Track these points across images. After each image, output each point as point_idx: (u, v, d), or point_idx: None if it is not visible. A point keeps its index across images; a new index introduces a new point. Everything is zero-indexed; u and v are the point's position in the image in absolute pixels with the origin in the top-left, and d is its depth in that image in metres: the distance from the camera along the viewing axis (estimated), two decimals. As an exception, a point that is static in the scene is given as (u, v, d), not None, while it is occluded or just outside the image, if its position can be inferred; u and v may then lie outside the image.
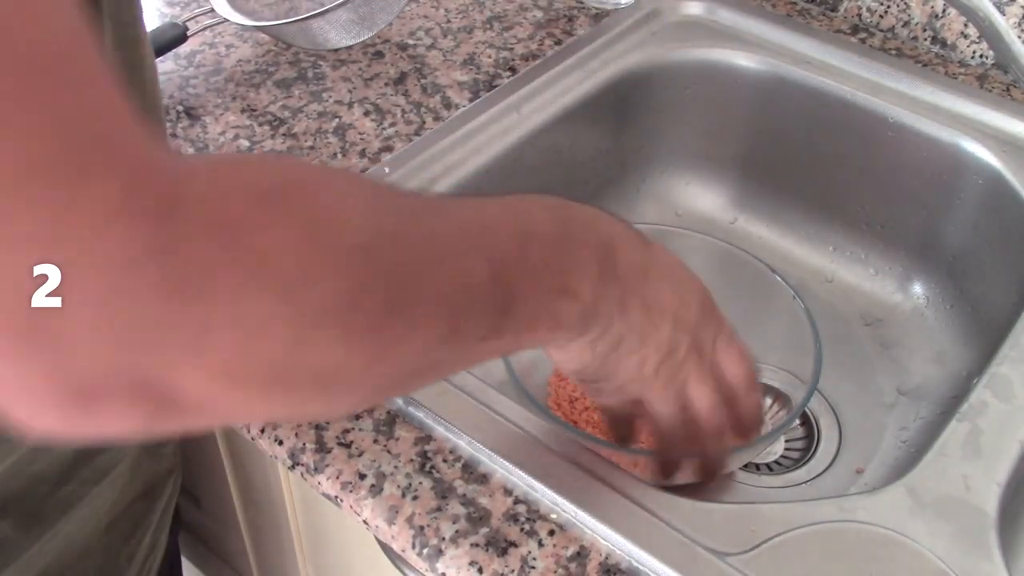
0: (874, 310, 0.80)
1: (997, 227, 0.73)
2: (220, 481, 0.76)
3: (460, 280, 0.35)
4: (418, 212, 0.35)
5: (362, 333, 0.31)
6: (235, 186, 0.29)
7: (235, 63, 0.82)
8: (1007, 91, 0.79)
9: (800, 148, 0.83)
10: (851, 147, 0.80)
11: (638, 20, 0.86)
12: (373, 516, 0.50)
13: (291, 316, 0.29)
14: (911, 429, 0.71)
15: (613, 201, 0.84)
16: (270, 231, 0.28)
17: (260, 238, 0.28)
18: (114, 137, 0.26)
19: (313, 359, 0.30)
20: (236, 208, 0.28)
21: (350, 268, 0.30)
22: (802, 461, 0.70)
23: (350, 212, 0.32)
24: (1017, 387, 0.56)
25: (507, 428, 0.52)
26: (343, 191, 0.32)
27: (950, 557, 0.47)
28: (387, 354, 0.33)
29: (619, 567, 0.48)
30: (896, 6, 0.85)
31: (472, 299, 0.36)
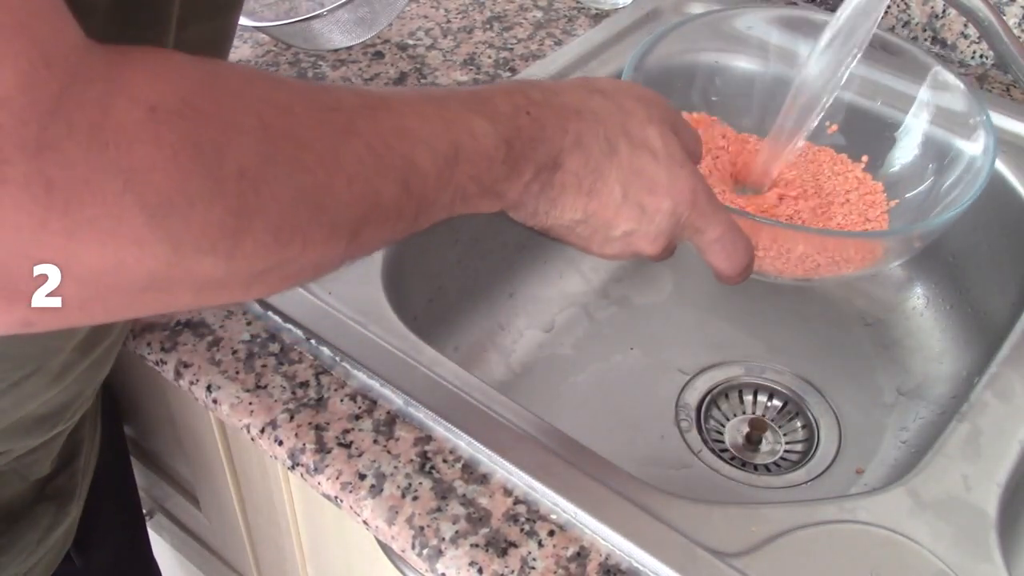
0: (874, 310, 0.80)
1: (997, 227, 0.73)
2: (220, 481, 0.76)
3: (367, 201, 0.35)
4: (329, 126, 0.34)
5: (248, 255, 0.31)
6: (128, 94, 0.28)
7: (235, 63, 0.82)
8: (1007, 91, 0.79)
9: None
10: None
11: (638, 20, 0.86)
12: (373, 516, 0.50)
13: (165, 237, 0.28)
14: (911, 429, 0.71)
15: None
16: (149, 147, 0.28)
17: (138, 153, 0.28)
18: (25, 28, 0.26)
19: (193, 275, 0.30)
20: (121, 118, 0.28)
21: (232, 194, 0.30)
22: (802, 461, 0.71)
23: (243, 135, 0.31)
24: (1017, 387, 0.56)
25: (507, 428, 0.52)
26: (241, 109, 0.31)
27: (950, 557, 0.47)
28: (277, 268, 0.32)
29: (619, 567, 0.48)
30: (896, 6, 0.85)
31: (378, 216, 0.36)
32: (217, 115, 0.30)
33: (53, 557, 0.61)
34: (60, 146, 0.26)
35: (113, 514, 0.76)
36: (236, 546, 0.85)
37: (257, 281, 0.33)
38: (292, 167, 0.32)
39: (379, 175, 0.35)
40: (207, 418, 0.69)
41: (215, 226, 0.29)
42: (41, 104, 0.26)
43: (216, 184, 0.29)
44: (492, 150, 0.40)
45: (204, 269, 0.30)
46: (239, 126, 0.31)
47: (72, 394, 0.54)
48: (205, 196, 0.29)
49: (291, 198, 0.32)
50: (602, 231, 0.45)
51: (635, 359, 0.76)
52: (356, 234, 0.35)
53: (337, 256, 0.35)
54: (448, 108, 0.39)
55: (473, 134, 0.39)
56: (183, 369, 0.57)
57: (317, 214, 0.33)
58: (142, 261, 0.28)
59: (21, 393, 0.49)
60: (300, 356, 0.57)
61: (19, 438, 0.53)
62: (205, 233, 0.29)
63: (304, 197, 0.32)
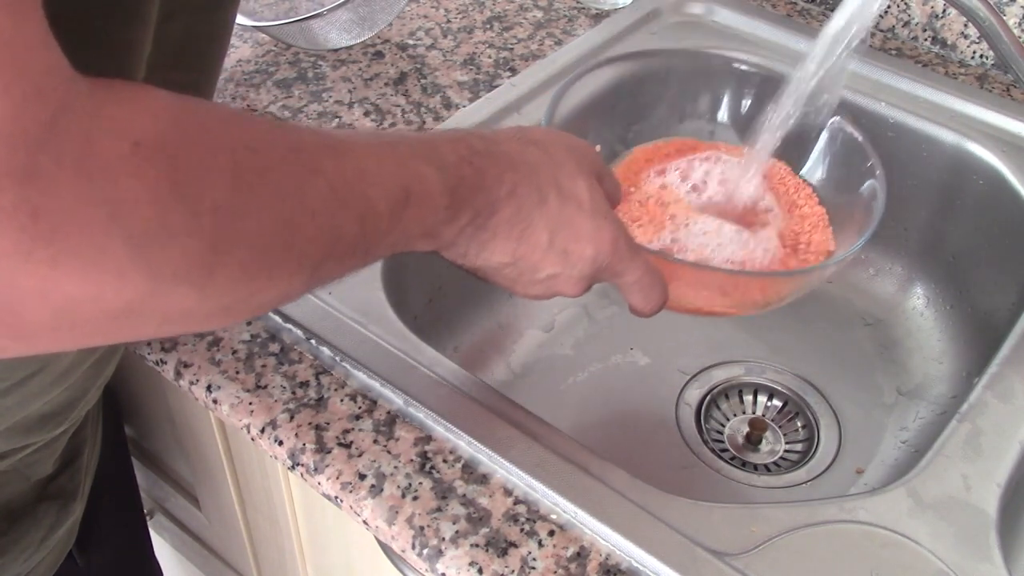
0: (874, 310, 0.80)
1: (997, 227, 0.73)
2: (220, 481, 0.76)
3: (329, 236, 0.37)
4: (295, 165, 0.36)
5: (219, 287, 0.32)
6: (113, 129, 0.29)
7: (235, 63, 0.82)
8: (1007, 91, 0.79)
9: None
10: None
11: (638, 20, 0.86)
12: (373, 516, 0.50)
13: (146, 269, 0.29)
14: (911, 429, 0.71)
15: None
16: (133, 180, 0.29)
17: (123, 186, 0.28)
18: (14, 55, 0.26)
19: (166, 306, 0.31)
20: (107, 151, 0.28)
21: (207, 228, 0.31)
22: (802, 461, 0.71)
23: (217, 173, 0.32)
24: (1017, 387, 0.56)
25: (507, 428, 0.52)
26: (216, 148, 0.32)
27: (950, 557, 0.47)
28: (244, 301, 0.34)
29: (619, 567, 0.48)
30: (896, 6, 0.85)
31: (337, 251, 0.38)
32: (195, 152, 0.31)
33: (55, 557, 0.61)
34: (47, 175, 0.27)
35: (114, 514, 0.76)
36: (236, 546, 0.85)
37: (223, 313, 0.34)
38: (262, 203, 0.33)
39: (340, 212, 0.37)
40: (207, 418, 0.69)
41: (192, 259, 0.31)
42: (30, 133, 0.26)
43: (194, 218, 0.30)
44: (437, 196, 0.42)
45: (177, 300, 0.31)
46: (215, 164, 0.32)
47: (76, 393, 0.54)
48: (184, 230, 0.30)
49: (261, 233, 0.33)
50: (528, 274, 0.48)
51: (635, 359, 0.76)
52: (317, 268, 0.37)
53: (299, 289, 0.37)
54: (400, 153, 0.41)
55: (422, 180, 0.41)
56: (183, 369, 0.57)
57: (284, 249, 0.34)
58: (121, 292, 0.29)
59: (25, 392, 0.49)
60: (300, 356, 0.57)
61: (23, 437, 0.53)
62: (182, 265, 0.30)
63: (273, 232, 0.34)
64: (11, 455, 0.54)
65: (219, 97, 0.77)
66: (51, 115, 0.27)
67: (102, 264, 0.28)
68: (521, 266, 0.47)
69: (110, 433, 0.72)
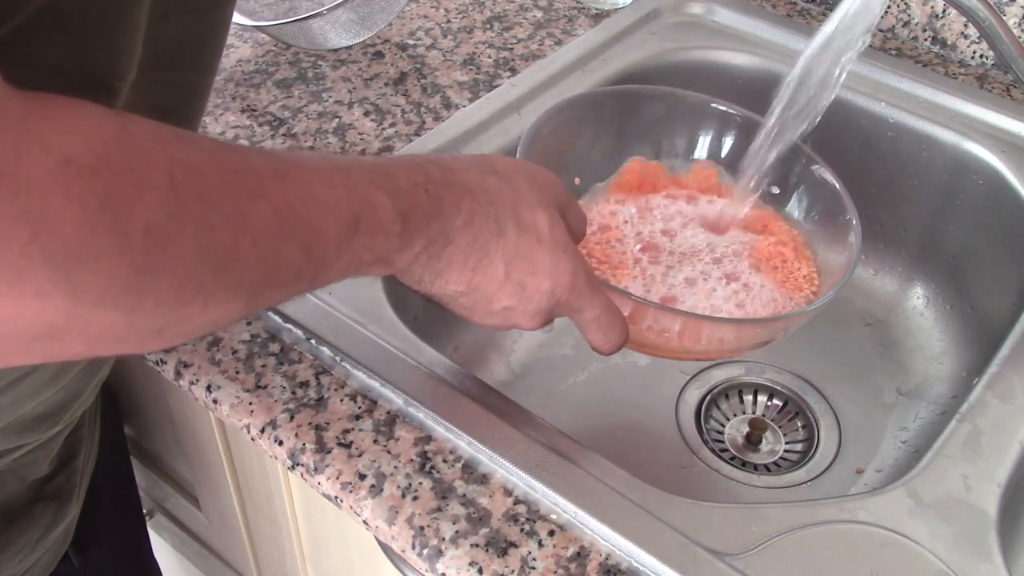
0: (874, 310, 0.80)
1: (997, 227, 0.73)
2: (220, 481, 0.76)
3: (269, 263, 0.36)
4: (236, 188, 0.35)
5: (149, 312, 0.31)
6: (42, 144, 0.28)
7: (235, 63, 0.82)
8: (1007, 91, 0.79)
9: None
10: (851, 147, 0.80)
11: (638, 20, 0.86)
12: (373, 516, 0.50)
13: (68, 291, 0.28)
14: (911, 429, 0.71)
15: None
16: (59, 199, 0.28)
17: (48, 204, 0.28)
18: None
19: (91, 329, 0.30)
20: (34, 167, 0.28)
21: (138, 251, 0.30)
22: (802, 461, 0.71)
23: (151, 193, 0.31)
24: (1017, 387, 0.56)
25: (507, 428, 0.52)
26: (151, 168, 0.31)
27: (950, 557, 0.47)
28: (178, 325, 0.33)
29: (619, 567, 0.48)
30: (896, 6, 0.85)
31: (278, 278, 0.37)
32: (128, 172, 0.30)
33: (51, 557, 0.61)
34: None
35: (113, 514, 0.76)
36: (236, 546, 0.85)
37: (154, 336, 0.33)
38: (199, 227, 0.32)
39: (283, 239, 0.36)
40: (207, 418, 0.69)
41: (119, 282, 0.30)
42: None
43: (123, 240, 0.29)
44: (389, 223, 0.41)
45: (103, 323, 0.30)
46: (149, 184, 0.31)
47: (71, 393, 0.54)
48: (111, 251, 0.29)
49: (196, 257, 0.32)
50: (483, 304, 0.47)
51: (635, 359, 0.76)
52: (256, 295, 0.36)
53: (235, 315, 0.36)
54: (352, 179, 0.40)
55: (374, 206, 0.40)
56: (183, 369, 0.57)
57: (220, 274, 0.33)
58: (41, 313, 0.29)
59: (19, 392, 0.49)
60: (300, 356, 0.57)
61: (17, 437, 0.53)
62: (108, 288, 0.30)
63: (209, 257, 0.32)
64: (6, 455, 0.54)
65: (219, 97, 0.77)
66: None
67: (20, 284, 0.28)
68: (476, 296, 0.47)
69: (109, 433, 0.72)
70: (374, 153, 0.71)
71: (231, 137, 0.73)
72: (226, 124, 0.75)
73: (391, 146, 0.72)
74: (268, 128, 0.74)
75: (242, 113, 0.76)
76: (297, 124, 0.75)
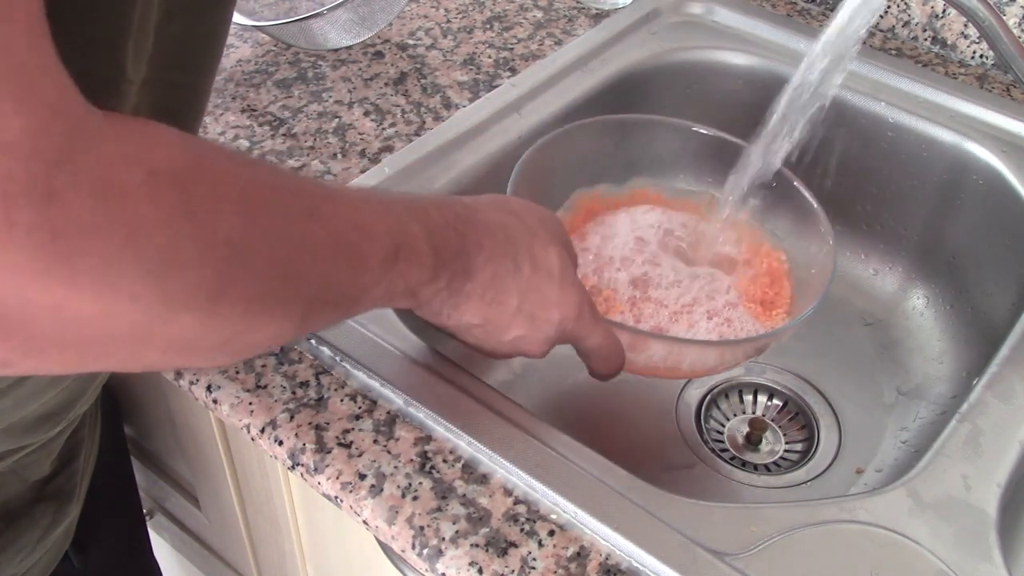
0: (874, 310, 0.80)
1: (997, 227, 0.73)
2: (220, 481, 0.76)
3: (320, 283, 0.38)
4: (297, 208, 0.37)
5: (223, 319, 0.33)
6: (129, 156, 0.29)
7: (235, 63, 0.82)
8: (1007, 91, 0.79)
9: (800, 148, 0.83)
10: (851, 147, 0.80)
11: (638, 20, 0.86)
12: (373, 516, 0.50)
13: (158, 293, 0.30)
14: (911, 429, 0.71)
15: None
16: (149, 206, 0.30)
17: (139, 211, 0.29)
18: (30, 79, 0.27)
19: (170, 333, 0.32)
20: (124, 177, 0.29)
21: (219, 259, 0.32)
22: (802, 461, 0.71)
23: (228, 207, 0.33)
24: (1017, 387, 0.56)
25: (507, 428, 0.52)
26: (226, 183, 0.34)
27: (950, 557, 0.47)
28: (241, 337, 0.35)
29: (619, 567, 0.48)
30: (896, 6, 0.85)
31: (327, 297, 0.39)
32: (206, 184, 0.32)
33: (51, 557, 0.61)
34: (65, 196, 0.27)
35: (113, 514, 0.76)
36: (236, 546, 0.85)
37: (220, 347, 0.35)
38: (267, 240, 0.35)
39: (334, 260, 0.39)
40: (207, 418, 0.69)
41: (201, 287, 0.32)
42: (47, 153, 0.27)
43: (207, 248, 0.32)
44: (424, 255, 0.44)
45: (183, 328, 0.32)
46: (225, 197, 0.33)
47: (73, 394, 0.54)
48: (196, 258, 0.31)
49: (265, 269, 0.35)
50: (495, 335, 0.51)
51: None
52: (307, 313, 0.38)
53: (287, 333, 0.38)
54: (393, 210, 0.43)
55: (412, 238, 0.43)
56: (183, 369, 0.57)
57: (283, 287, 0.36)
58: (130, 314, 0.30)
59: (21, 393, 0.49)
60: (300, 356, 0.57)
61: (19, 438, 0.53)
62: (192, 293, 0.31)
63: (275, 270, 0.35)
64: (8, 456, 0.54)
65: (219, 97, 0.77)
66: (66, 138, 0.27)
67: (116, 286, 0.29)
68: (489, 328, 0.50)
69: (109, 433, 0.72)
70: (374, 153, 0.71)
71: (231, 137, 0.73)
72: (226, 124, 0.75)
73: (391, 146, 0.72)
74: (268, 128, 0.74)
75: (242, 113, 0.76)
76: (297, 124, 0.75)
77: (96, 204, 0.28)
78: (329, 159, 0.71)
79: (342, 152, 0.72)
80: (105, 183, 0.28)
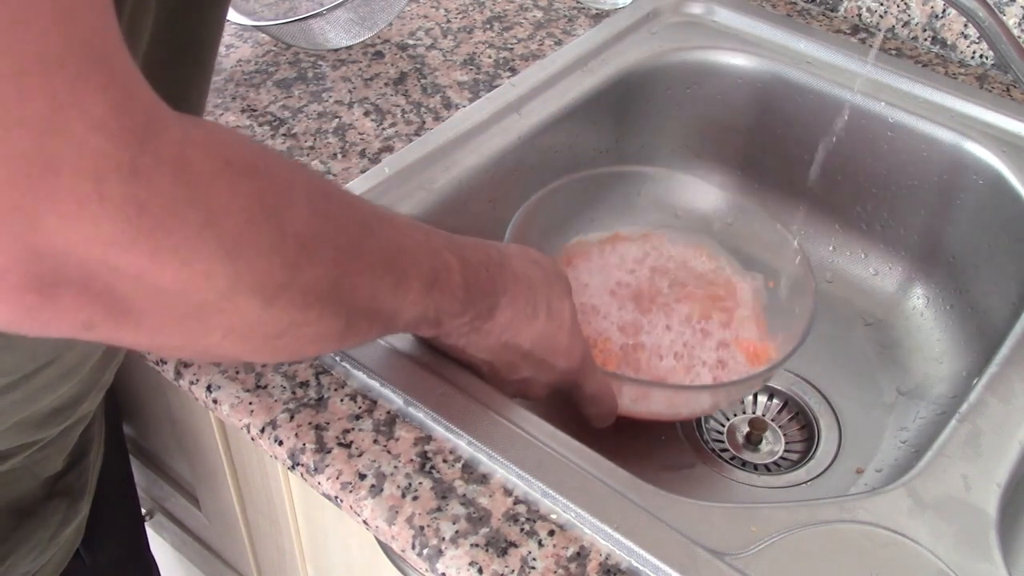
0: (874, 310, 0.80)
1: (997, 227, 0.73)
2: (220, 481, 0.76)
3: (368, 293, 0.40)
4: (353, 219, 0.40)
5: (282, 308, 0.35)
6: (203, 146, 0.31)
7: (235, 63, 0.82)
8: (1007, 91, 0.79)
9: (800, 148, 0.83)
10: (851, 147, 0.80)
11: (638, 20, 0.86)
12: (373, 516, 0.50)
13: (228, 275, 0.32)
14: (911, 429, 0.71)
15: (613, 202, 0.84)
16: (228, 192, 0.32)
17: (220, 195, 0.31)
18: (111, 61, 0.28)
19: (234, 315, 0.34)
20: (203, 163, 0.31)
21: (288, 250, 0.34)
22: (802, 461, 0.71)
23: (297, 204, 0.35)
24: (1017, 387, 0.56)
25: (507, 428, 0.52)
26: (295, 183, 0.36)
27: (950, 557, 0.47)
28: (292, 331, 0.37)
29: (619, 567, 0.48)
30: (896, 6, 0.85)
31: (370, 310, 0.41)
32: (277, 179, 0.35)
33: (63, 555, 0.61)
34: (149, 174, 0.29)
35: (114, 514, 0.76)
36: (236, 546, 0.85)
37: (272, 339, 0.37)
38: (330, 242, 0.37)
39: (382, 275, 0.41)
40: (207, 418, 0.69)
41: (269, 273, 0.34)
42: (132, 133, 0.28)
43: (279, 239, 0.34)
44: (457, 288, 0.47)
45: (245, 312, 0.34)
46: (294, 196, 0.35)
47: (85, 386, 0.54)
48: (267, 246, 0.34)
49: (324, 267, 0.37)
50: (504, 372, 0.54)
51: (635, 359, 0.76)
52: (352, 322, 0.40)
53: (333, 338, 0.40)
54: (432, 240, 0.46)
55: (449, 269, 0.46)
56: (183, 369, 0.57)
57: (337, 288, 0.38)
58: (202, 291, 0.32)
59: (33, 386, 0.49)
60: (300, 356, 0.57)
61: (32, 432, 0.53)
62: (261, 279, 0.34)
63: (333, 270, 0.37)
64: (21, 452, 0.54)
65: (219, 97, 0.77)
66: (146, 119, 0.29)
67: (192, 262, 0.31)
68: (499, 365, 0.53)
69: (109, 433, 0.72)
70: (374, 152, 0.71)
71: (231, 137, 0.73)
72: (226, 124, 0.75)
73: (391, 146, 0.72)
74: (268, 128, 0.74)
75: (242, 113, 0.76)
76: (297, 124, 0.75)
77: (178, 184, 0.30)
78: (329, 159, 0.71)
79: (342, 152, 0.72)
80: (185, 166, 0.30)
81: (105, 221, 0.28)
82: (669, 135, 0.87)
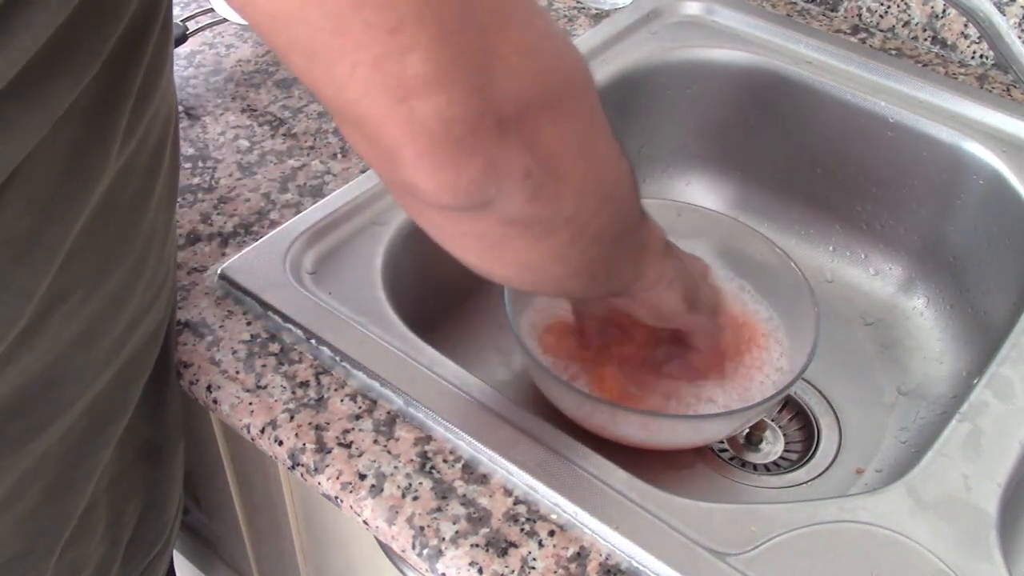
0: (874, 310, 0.80)
1: (997, 227, 0.73)
2: (220, 481, 0.76)
3: (607, 233, 0.45)
4: (609, 182, 0.45)
5: (555, 251, 0.43)
6: (515, 147, 0.36)
7: (235, 63, 0.82)
8: (1007, 91, 0.79)
9: (800, 148, 0.83)
10: (851, 147, 0.80)
11: (638, 20, 0.86)
12: (373, 516, 0.50)
13: (541, 215, 0.40)
14: (911, 429, 0.71)
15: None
16: (553, 142, 0.38)
17: (546, 144, 0.38)
18: (489, 35, 0.34)
19: (531, 250, 0.42)
20: (544, 137, 0.37)
21: (583, 204, 0.42)
22: (802, 461, 0.70)
23: (592, 200, 0.43)
24: (1017, 387, 0.56)
25: (508, 428, 0.52)
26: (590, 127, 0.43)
27: (950, 557, 0.47)
28: (554, 266, 0.44)
29: (619, 567, 0.48)
30: (896, 6, 0.85)
31: (603, 255, 0.47)
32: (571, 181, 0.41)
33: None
34: (504, 140, 0.35)
35: None
36: (236, 546, 0.85)
37: (549, 270, 0.44)
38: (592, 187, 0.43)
39: (624, 252, 0.50)
40: (207, 418, 0.69)
41: (564, 220, 0.42)
42: (488, 105, 0.34)
43: (575, 190, 0.41)
44: (655, 256, 0.53)
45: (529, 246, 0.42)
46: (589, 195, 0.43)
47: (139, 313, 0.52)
48: (570, 200, 0.41)
49: (581, 216, 0.43)
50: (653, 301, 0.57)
51: (635, 359, 0.76)
52: (592, 242, 0.45)
53: (582, 277, 0.47)
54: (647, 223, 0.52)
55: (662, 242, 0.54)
56: (183, 369, 0.57)
57: (588, 234, 0.44)
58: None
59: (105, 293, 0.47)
60: (300, 356, 0.57)
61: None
62: (558, 221, 0.41)
63: (589, 218, 0.43)
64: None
65: (219, 97, 0.77)
66: (485, 105, 0.34)
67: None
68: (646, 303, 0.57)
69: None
70: (374, 153, 0.71)
71: (231, 137, 0.73)
72: (226, 124, 0.75)
73: (391, 146, 0.72)
74: (268, 128, 0.74)
75: (242, 113, 0.76)
76: (297, 124, 0.75)
77: (524, 154, 0.37)
78: (329, 159, 0.71)
79: (342, 152, 0.72)
80: (531, 139, 0.37)
81: (503, 159, 0.36)
82: (669, 135, 0.87)
